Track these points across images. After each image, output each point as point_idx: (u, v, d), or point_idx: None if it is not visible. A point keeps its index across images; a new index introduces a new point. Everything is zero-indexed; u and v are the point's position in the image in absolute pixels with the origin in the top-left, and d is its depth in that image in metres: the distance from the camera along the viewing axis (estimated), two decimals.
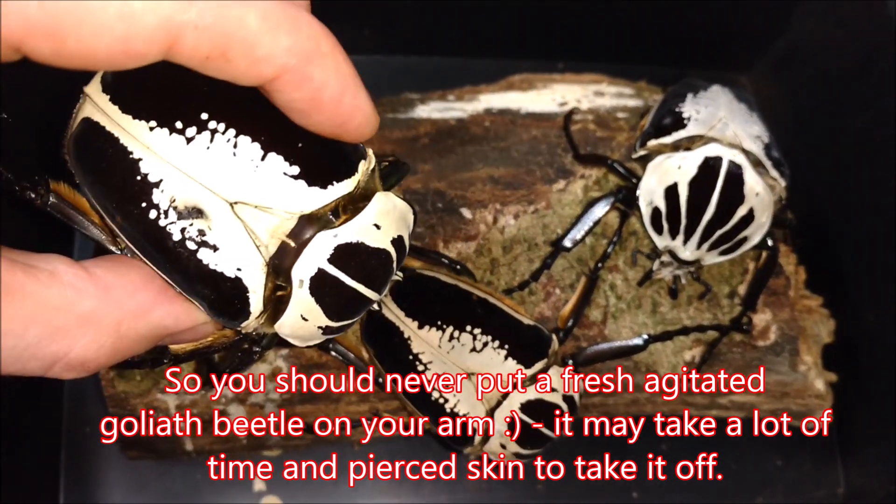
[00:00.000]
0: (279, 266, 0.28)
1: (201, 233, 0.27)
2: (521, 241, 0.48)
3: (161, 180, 0.27)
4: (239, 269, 0.27)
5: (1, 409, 0.44)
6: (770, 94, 0.60)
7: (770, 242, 0.47)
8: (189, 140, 0.27)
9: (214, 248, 0.27)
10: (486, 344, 0.42)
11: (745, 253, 0.47)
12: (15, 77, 0.33)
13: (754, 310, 0.48)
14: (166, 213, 0.27)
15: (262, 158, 0.27)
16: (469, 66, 0.57)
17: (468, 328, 0.42)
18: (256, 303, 0.28)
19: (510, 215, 0.48)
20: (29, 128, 0.43)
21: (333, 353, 0.44)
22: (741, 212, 0.44)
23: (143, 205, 0.27)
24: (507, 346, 0.42)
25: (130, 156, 0.27)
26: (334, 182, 0.28)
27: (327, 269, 0.29)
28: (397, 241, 0.31)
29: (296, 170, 0.28)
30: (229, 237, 0.27)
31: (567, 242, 0.47)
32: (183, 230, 0.27)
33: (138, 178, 0.27)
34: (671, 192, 0.45)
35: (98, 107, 0.28)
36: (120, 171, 0.27)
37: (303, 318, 0.29)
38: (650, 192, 0.46)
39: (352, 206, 0.29)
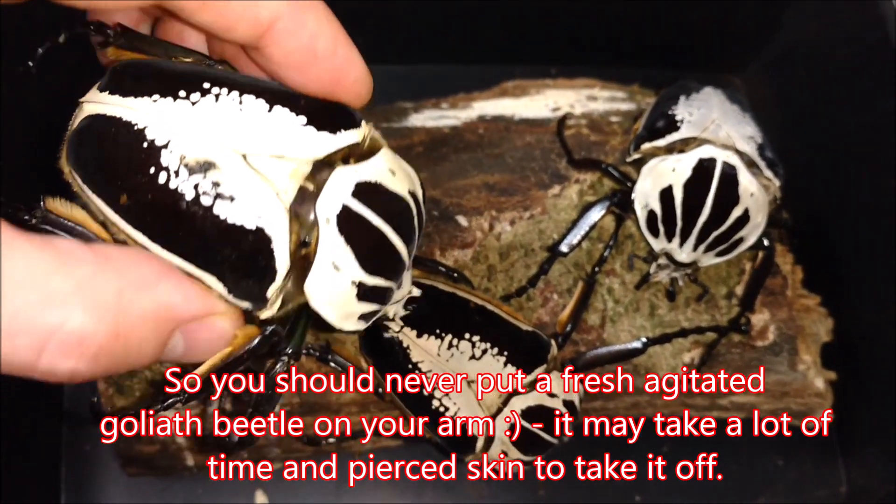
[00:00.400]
0: (301, 212, 0.27)
1: (216, 185, 0.26)
2: (518, 247, 0.48)
3: (169, 141, 0.27)
4: (260, 218, 0.26)
5: (1, 428, 0.44)
6: (763, 94, 0.61)
7: (766, 242, 0.47)
8: (194, 103, 0.27)
9: (231, 199, 0.26)
10: (485, 351, 0.42)
11: (742, 253, 0.47)
12: (13, 91, 0.33)
13: (752, 310, 0.48)
14: (177, 172, 0.26)
15: (269, 111, 0.28)
16: (462, 74, 0.57)
17: (467, 336, 0.42)
18: (282, 257, 0.27)
19: (506, 222, 0.48)
20: (23, 145, 0.43)
21: (332, 364, 0.44)
22: (736, 213, 0.44)
23: (152, 171, 0.26)
24: (506, 353, 0.42)
25: (135, 127, 0.27)
26: (342, 129, 0.29)
27: (352, 206, 0.28)
28: (414, 197, 0.30)
29: (303, 119, 0.28)
30: (246, 186, 0.26)
31: (563, 247, 0.47)
32: (196, 186, 0.26)
33: (145, 145, 0.27)
34: (666, 195, 0.45)
35: (98, 102, 0.28)
36: (125, 145, 0.27)
37: (335, 268, 0.28)
38: (645, 196, 0.46)
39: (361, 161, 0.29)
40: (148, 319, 0.24)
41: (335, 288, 0.28)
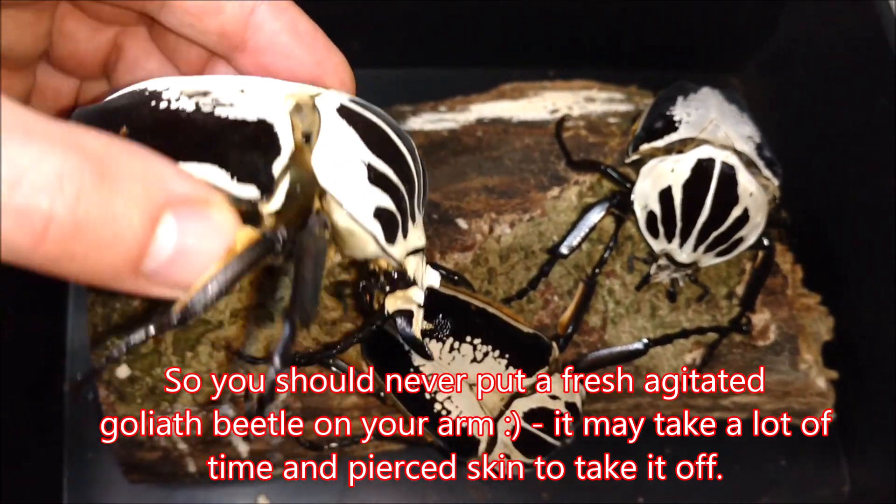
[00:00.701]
0: (300, 113, 0.28)
1: (215, 101, 0.28)
2: (518, 249, 0.48)
3: (168, 87, 0.28)
4: (260, 111, 0.27)
5: (2, 436, 0.44)
6: (761, 94, 0.61)
7: (766, 242, 0.47)
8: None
9: (231, 105, 0.27)
10: (486, 354, 0.42)
11: (742, 253, 0.47)
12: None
13: (753, 310, 0.48)
14: (177, 99, 0.28)
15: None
16: (459, 77, 0.58)
17: (468, 339, 0.42)
18: (286, 138, 0.27)
19: (506, 224, 0.48)
20: None
21: (334, 368, 0.44)
22: (736, 212, 0.44)
23: (153, 103, 0.28)
24: (507, 356, 0.42)
25: (135, 90, 0.29)
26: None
27: (350, 106, 0.29)
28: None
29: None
30: (244, 97, 0.28)
31: (564, 249, 0.47)
32: (196, 102, 0.27)
33: (146, 93, 0.29)
34: (665, 196, 0.45)
35: None
36: (125, 97, 0.29)
37: (341, 142, 0.28)
38: (645, 197, 0.46)
39: None
40: (136, 176, 0.22)
41: (343, 161, 0.28)
